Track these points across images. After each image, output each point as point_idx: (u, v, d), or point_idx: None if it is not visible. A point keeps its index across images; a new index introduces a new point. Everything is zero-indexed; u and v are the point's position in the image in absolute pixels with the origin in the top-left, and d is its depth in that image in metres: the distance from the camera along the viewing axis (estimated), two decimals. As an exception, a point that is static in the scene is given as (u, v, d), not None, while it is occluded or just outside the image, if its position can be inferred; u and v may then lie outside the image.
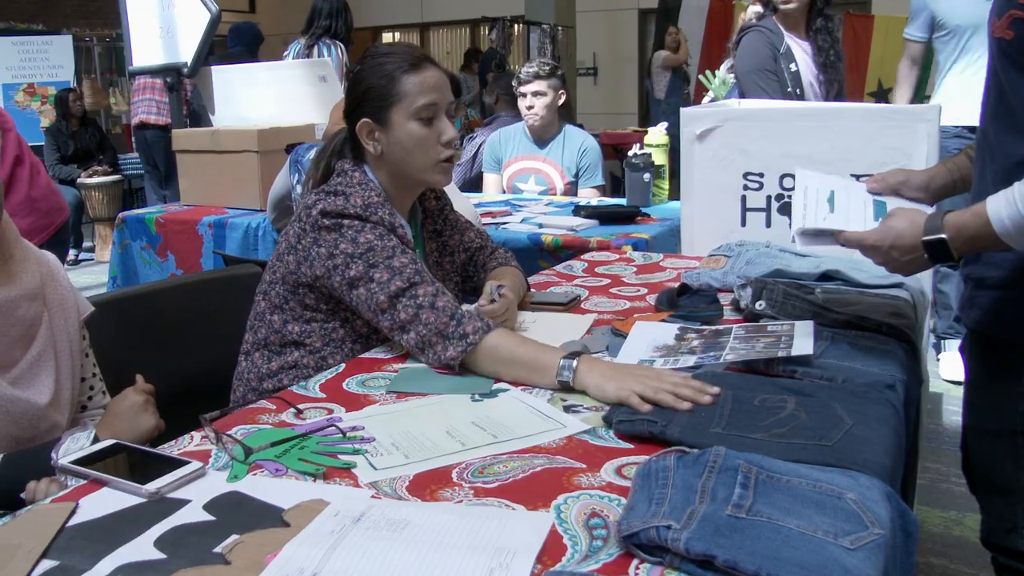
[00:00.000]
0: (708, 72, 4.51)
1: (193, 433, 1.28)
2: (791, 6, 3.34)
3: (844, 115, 2.38)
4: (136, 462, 1.18)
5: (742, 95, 3.47)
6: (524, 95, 3.98)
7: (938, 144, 2.31)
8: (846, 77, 3.76)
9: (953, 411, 3.83)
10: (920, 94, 5.24)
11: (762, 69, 3.33)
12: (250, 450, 1.18)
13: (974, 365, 1.64)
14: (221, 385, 1.89)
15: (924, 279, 2.20)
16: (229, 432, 1.26)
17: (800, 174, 1.76)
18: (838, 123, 2.36)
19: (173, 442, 1.26)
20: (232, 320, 2.11)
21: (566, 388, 1.44)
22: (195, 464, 1.14)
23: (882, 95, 9.73)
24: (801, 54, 3.38)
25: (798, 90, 3.34)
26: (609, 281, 2.22)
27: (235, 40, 6.57)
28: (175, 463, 1.15)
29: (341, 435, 1.25)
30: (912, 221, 1.46)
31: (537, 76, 3.98)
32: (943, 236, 1.41)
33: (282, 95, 3.92)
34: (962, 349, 1.77)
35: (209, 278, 2.26)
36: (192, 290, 2.14)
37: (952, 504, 3.04)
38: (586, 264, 2.44)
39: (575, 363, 1.44)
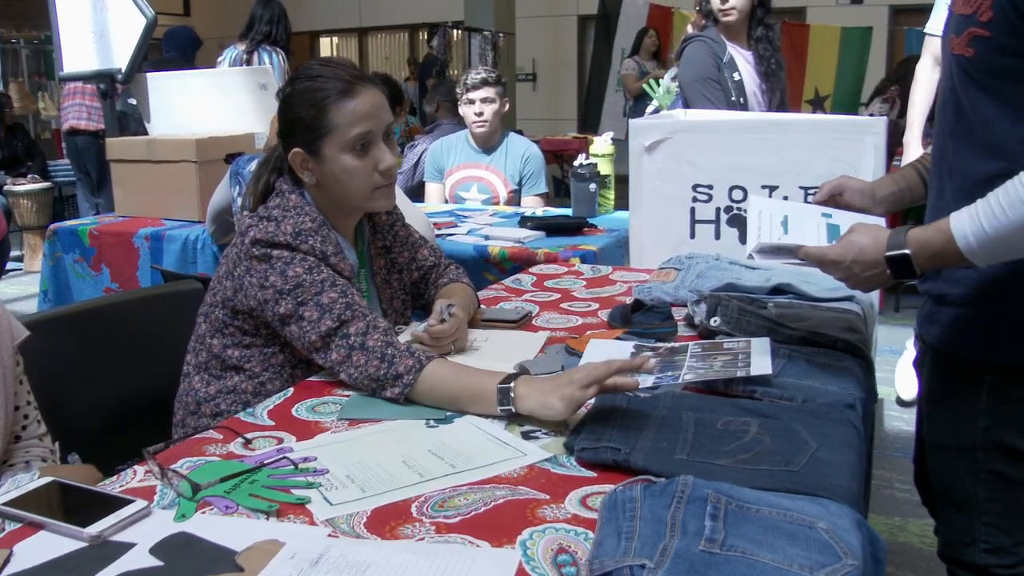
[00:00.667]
0: (652, 81, 4.51)
1: (136, 467, 1.22)
2: (730, 18, 3.36)
3: (793, 127, 2.38)
4: (76, 502, 1.11)
5: (687, 104, 3.47)
6: (472, 101, 3.95)
7: (884, 156, 2.33)
8: (778, 79, 3.79)
9: (894, 416, 3.88)
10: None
11: (706, 78, 3.33)
12: (198, 486, 1.12)
13: (932, 381, 1.64)
14: (163, 408, 1.83)
15: (873, 292, 2.21)
16: (174, 466, 1.20)
17: (753, 200, 1.76)
18: (786, 135, 2.36)
19: (115, 478, 1.19)
20: (173, 339, 2.03)
21: (510, 416, 1.39)
22: (139, 503, 1.08)
23: (819, 102, 9.89)
24: (744, 63, 3.40)
25: (742, 99, 3.35)
26: (559, 296, 2.19)
27: (170, 45, 6.43)
28: (118, 502, 1.08)
29: (293, 467, 1.20)
30: (874, 237, 1.45)
31: (485, 83, 3.96)
32: (906, 252, 1.40)
33: (221, 103, 3.82)
34: (916, 364, 1.78)
35: (148, 295, 2.18)
36: (131, 308, 2.06)
37: (896, 510, 3.07)
38: (535, 278, 2.41)
39: (512, 388, 1.38)
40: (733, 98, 3.34)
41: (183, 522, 1.06)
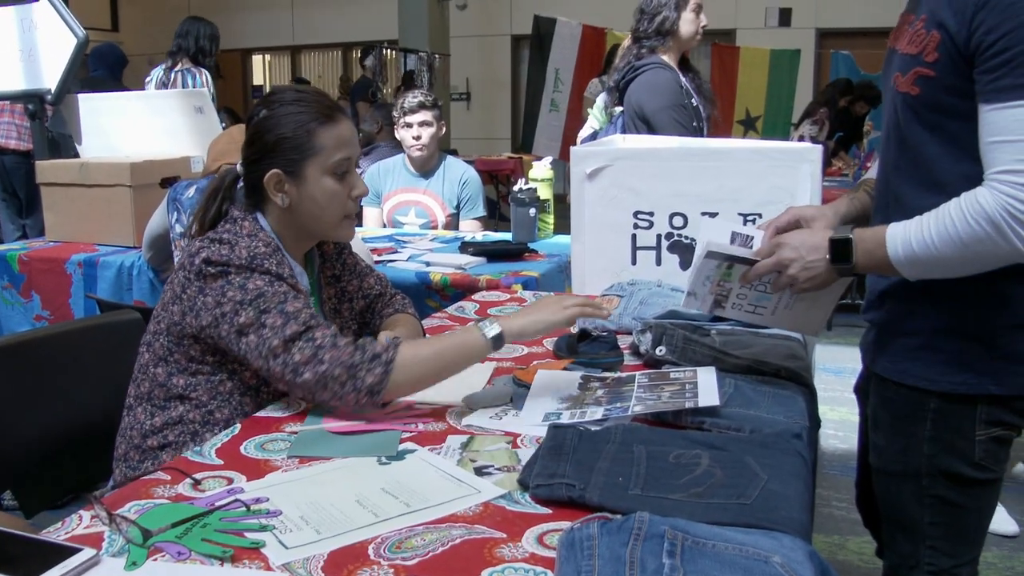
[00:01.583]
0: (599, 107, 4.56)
1: (82, 513, 1.18)
2: (695, 42, 3.45)
3: (731, 155, 2.42)
4: (17, 553, 1.07)
5: (624, 130, 3.51)
6: (410, 125, 3.94)
7: (820, 182, 2.38)
8: (717, 104, 3.87)
9: (830, 435, 3.95)
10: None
11: (677, 105, 3.38)
12: (148, 532, 1.09)
13: (879, 408, 1.67)
14: (101, 443, 1.79)
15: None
16: (122, 511, 1.17)
17: (703, 224, 1.79)
18: (725, 163, 2.40)
19: (59, 525, 1.16)
20: (111, 371, 2.00)
21: (499, 345, 1.58)
22: (87, 551, 1.05)
23: (750, 123, 10.07)
24: (690, 89, 3.46)
25: (700, 124, 3.41)
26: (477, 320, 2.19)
27: (97, 63, 6.31)
28: (64, 551, 1.05)
29: (245, 509, 1.18)
30: (820, 229, 1.60)
31: (423, 106, 3.95)
32: (849, 236, 1.51)
33: (155, 126, 3.76)
34: (857, 390, 1.82)
35: (84, 327, 2.13)
36: (66, 340, 2.01)
37: (835, 528, 3.13)
38: (478, 305, 2.41)
39: (495, 324, 1.58)
40: (695, 123, 3.40)
41: (134, 570, 1.04)
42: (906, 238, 1.43)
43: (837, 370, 4.62)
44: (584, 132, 4.79)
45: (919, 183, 1.50)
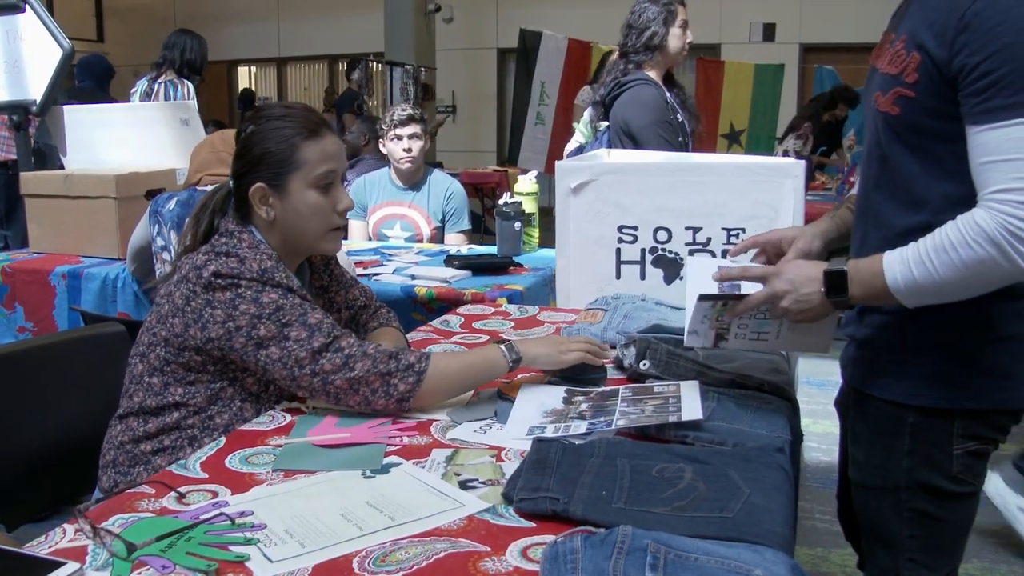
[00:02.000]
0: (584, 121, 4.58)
1: (65, 526, 1.18)
2: (682, 58, 3.48)
3: (716, 170, 2.44)
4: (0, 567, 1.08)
5: (610, 144, 3.53)
6: (400, 138, 3.95)
7: (803, 197, 2.40)
8: (701, 119, 3.90)
9: (813, 447, 3.96)
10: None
11: (663, 121, 3.40)
12: (132, 545, 1.09)
13: (858, 422, 1.69)
14: (87, 456, 1.78)
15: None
16: (106, 524, 1.17)
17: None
18: (709, 178, 2.42)
19: (43, 538, 1.16)
20: (95, 384, 2.00)
21: (515, 368, 1.69)
22: (71, 565, 1.05)
23: (734, 137, 10.13)
24: (675, 104, 3.49)
25: (686, 139, 3.43)
26: (488, 337, 2.20)
27: (84, 74, 6.31)
28: (47, 565, 1.05)
29: (230, 522, 1.18)
30: (814, 261, 1.58)
31: (412, 119, 3.97)
32: (844, 268, 1.48)
33: (141, 138, 3.75)
34: (837, 404, 1.83)
35: (68, 339, 2.13)
36: (49, 352, 2.01)
37: (818, 541, 3.14)
38: (462, 319, 2.41)
39: (515, 347, 1.69)
40: (681, 139, 3.42)
41: (118, 584, 1.04)
42: (905, 266, 1.40)
43: (820, 383, 4.64)
44: (570, 146, 4.81)
45: (899, 201, 1.52)
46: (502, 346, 1.69)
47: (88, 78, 6.26)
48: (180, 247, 1.81)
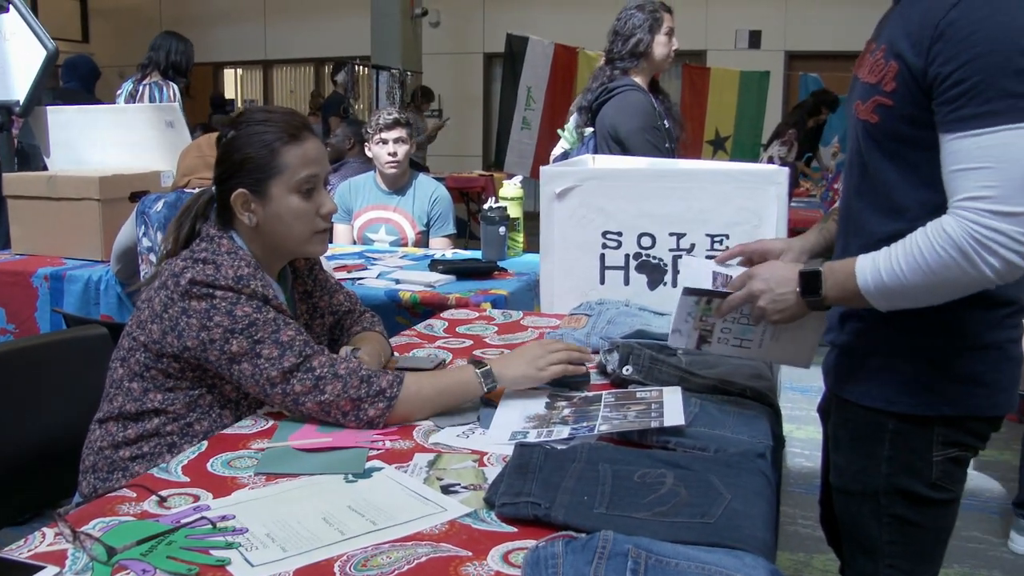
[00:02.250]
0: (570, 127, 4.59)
1: (45, 530, 1.18)
2: (667, 65, 3.50)
3: (700, 176, 2.45)
4: (-19, 570, 1.08)
5: (596, 150, 3.54)
6: (386, 141, 3.96)
7: (787, 204, 2.41)
8: (686, 126, 3.93)
9: (796, 453, 3.98)
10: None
11: (651, 127, 3.43)
12: (113, 549, 1.09)
13: (839, 428, 1.70)
14: (68, 460, 1.77)
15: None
16: (86, 528, 1.17)
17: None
18: (693, 184, 2.43)
19: (22, 542, 1.15)
20: (77, 387, 1.99)
21: (491, 392, 1.68)
22: (50, 569, 1.05)
23: (720, 143, 10.17)
24: (661, 111, 3.51)
25: (672, 145, 3.45)
26: (472, 343, 2.20)
27: (70, 75, 6.28)
28: (26, 569, 1.05)
29: (211, 526, 1.18)
30: (790, 262, 1.60)
31: (398, 123, 3.98)
32: (819, 268, 1.50)
33: (125, 140, 3.74)
34: (820, 410, 1.84)
35: (50, 341, 2.12)
36: (31, 355, 2.00)
37: (800, 546, 3.15)
38: (446, 323, 2.41)
39: (492, 373, 1.67)
40: (667, 145, 3.44)
41: (98, 588, 1.04)
42: (875, 269, 1.43)
43: (803, 389, 4.66)
44: (556, 151, 4.82)
45: (879, 208, 1.54)
46: (478, 372, 1.67)
47: (74, 79, 6.24)
48: (162, 251, 1.80)
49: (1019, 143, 1.31)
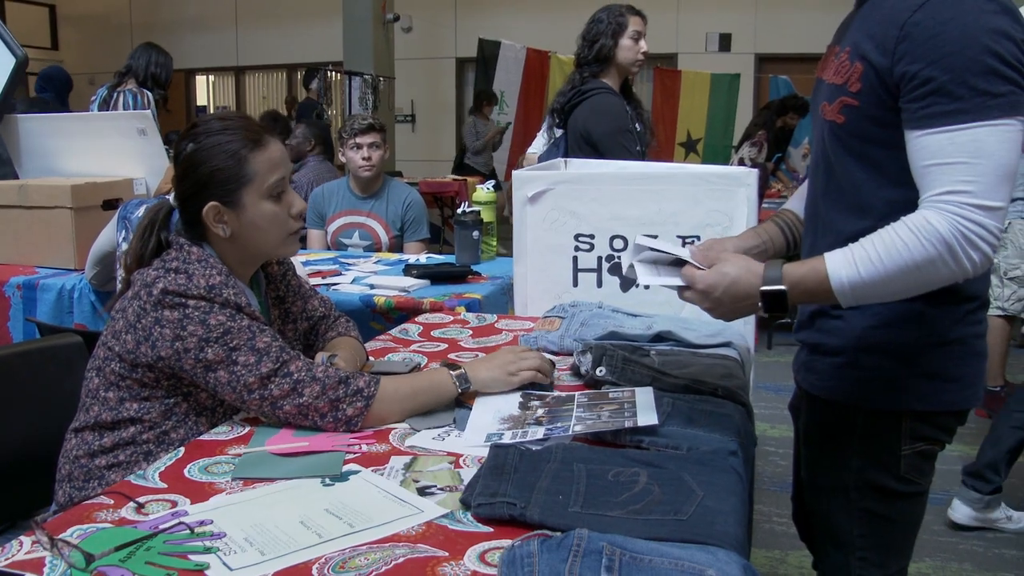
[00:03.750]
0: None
1: (22, 538, 1.18)
2: (636, 69, 3.53)
3: (671, 179, 2.47)
4: (-40, 579, 1.08)
5: (567, 153, 3.56)
6: (360, 146, 3.97)
7: (756, 205, 2.44)
8: (658, 128, 3.97)
9: (771, 451, 4.02)
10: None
11: (625, 130, 3.45)
12: (91, 556, 1.10)
13: (810, 424, 1.73)
14: (43, 469, 1.77)
15: (748, 336, 2.31)
16: (64, 535, 1.17)
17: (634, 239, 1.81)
18: (665, 187, 2.45)
19: (-1, 550, 1.16)
20: (52, 396, 1.99)
21: (466, 393, 1.71)
22: (29, 576, 1.06)
23: (691, 145, 10.23)
24: (632, 115, 3.54)
25: (643, 149, 3.48)
26: (447, 346, 2.21)
27: (45, 86, 6.27)
28: (5, 576, 1.06)
29: (189, 532, 1.19)
30: (747, 268, 1.49)
31: (372, 128, 4.00)
32: (783, 288, 1.45)
33: (97, 147, 3.71)
34: (791, 407, 1.87)
35: (23, 350, 2.12)
36: (5, 364, 2.00)
37: (775, 543, 3.19)
38: (421, 327, 2.43)
39: (466, 375, 1.70)
40: (638, 148, 3.47)
41: (77, 594, 1.04)
42: (850, 264, 1.40)
43: (776, 388, 4.70)
44: (536, 145, 4.84)
45: (846, 207, 1.56)
46: (453, 374, 1.70)
47: (49, 89, 6.22)
48: (124, 264, 1.78)
49: (991, 140, 1.34)
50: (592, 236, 2.51)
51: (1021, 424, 3.23)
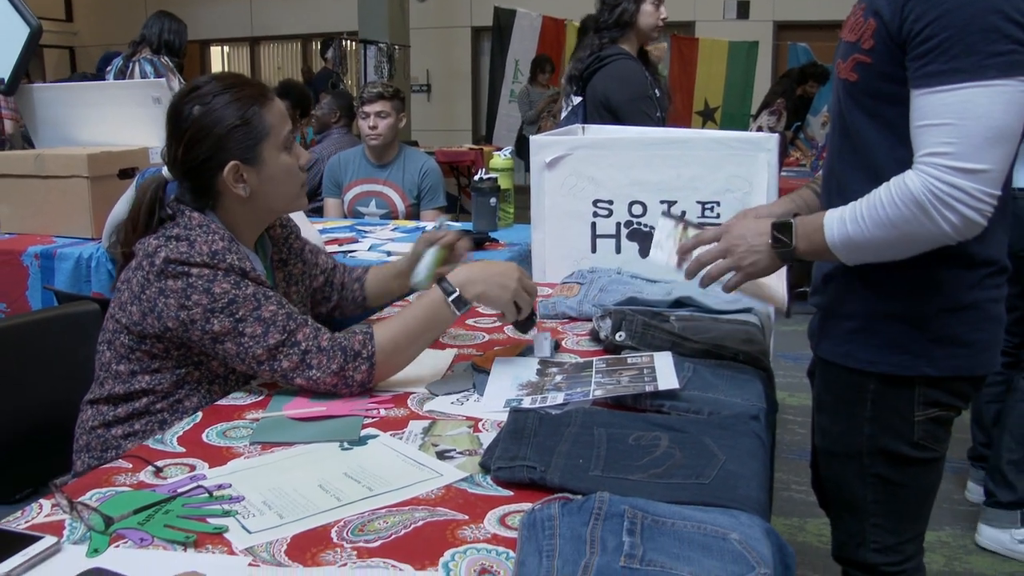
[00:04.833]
0: None
1: (42, 501, 1.18)
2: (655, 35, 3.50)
3: (690, 144, 2.44)
4: (-21, 540, 1.08)
5: (586, 120, 3.53)
6: (367, 115, 3.95)
7: (776, 171, 2.41)
8: (675, 97, 3.93)
9: (789, 420, 4.00)
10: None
11: (645, 96, 3.42)
12: (110, 519, 1.09)
13: (823, 390, 1.71)
14: (62, 436, 1.77)
15: (781, 290, 2.28)
16: (83, 499, 1.17)
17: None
18: (684, 151, 2.42)
19: (19, 514, 1.15)
20: (70, 363, 1.99)
21: (462, 308, 1.66)
22: (48, 539, 1.05)
23: (709, 114, 10.15)
24: (651, 80, 3.51)
25: (663, 115, 3.45)
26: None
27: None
28: (24, 539, 1.05)
29: (208, 495, 1.18)
30: (760, 219, 1.61)
31: (381, 96, 3.98)
32: (791, 220, 1.53)
33: (113, 116, 3.70)
34: (809, 374, 1.85)
35: (42, 318, 2.11)
36: (23, 332, 2.00)
37: (794, 511, 3.18)
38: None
39: (455, 291, 1.65)
40: (658, 114, 3.43)
41: (96, 557, 1.04)
42: (841, 221, 1.46)
43: (795, 357, 4.67)
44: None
45: (859, 168, 1.54)
46: (448, 299, 1.65)
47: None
48: (125, 235, 1.73)
49: (980, 100, 1.33)
50: (611, 202, 2.48)
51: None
